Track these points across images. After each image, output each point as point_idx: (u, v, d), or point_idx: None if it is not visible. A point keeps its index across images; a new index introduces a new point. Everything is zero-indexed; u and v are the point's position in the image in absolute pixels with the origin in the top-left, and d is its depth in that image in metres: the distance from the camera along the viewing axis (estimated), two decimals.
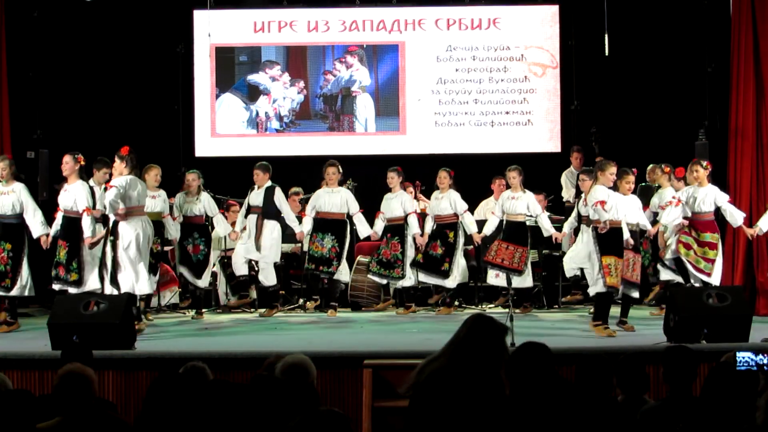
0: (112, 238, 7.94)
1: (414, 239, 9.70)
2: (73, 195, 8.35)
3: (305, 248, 9.75)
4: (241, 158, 11.21)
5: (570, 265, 9.41)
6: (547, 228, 9.48)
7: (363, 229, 9.67)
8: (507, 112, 11.70)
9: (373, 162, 10.98)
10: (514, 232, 9.45)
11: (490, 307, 10.03)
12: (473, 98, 11.71)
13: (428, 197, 10.55)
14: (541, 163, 11.15)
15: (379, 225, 9.77)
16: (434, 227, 9.71)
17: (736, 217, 8.58)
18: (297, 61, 11.82)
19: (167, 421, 3.61)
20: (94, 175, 8.78)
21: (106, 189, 8.33)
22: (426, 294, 10.31)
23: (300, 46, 11.80)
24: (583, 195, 9.46)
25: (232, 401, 3.68)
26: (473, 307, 10.05)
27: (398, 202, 9.71)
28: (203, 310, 9.58)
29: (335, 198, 9.58)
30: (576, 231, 9.44)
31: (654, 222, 9.01)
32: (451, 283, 9.60)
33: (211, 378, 4.40)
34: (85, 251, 8.36)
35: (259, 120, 11.79)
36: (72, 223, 8.38)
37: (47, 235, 8.51)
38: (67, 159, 8.40)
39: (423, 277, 9.69)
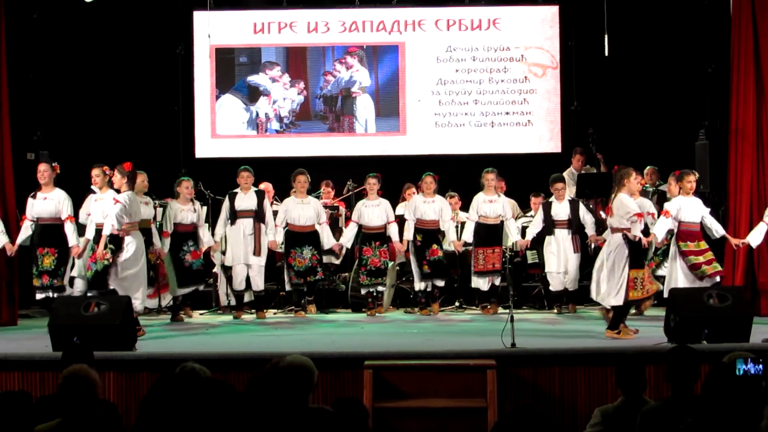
0: (112, 247, 7.89)
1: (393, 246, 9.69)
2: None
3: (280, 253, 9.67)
4: (242, 159, 11.19)
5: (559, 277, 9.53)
6: (513, 234, 9.60)
7: (327, 240, 9.55)
8: (507, 113, 11.70)
9: (373, 163, 10.96)
10: (492, 233, 9.59)
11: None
12: (473, 99, 11.71)
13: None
14: (540, 163, 11.15)
15: (351, 234, 9.69)
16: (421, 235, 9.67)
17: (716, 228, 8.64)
18: (297, 62, 11.82)
19: (164, 423, 3.60)
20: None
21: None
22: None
23: (300, 47, 11.80)
24: (552, 200, 9.51)
25: (227, 401, 3.67)
26: (474, 307, 10.03)
27: (381, 210, 9.67)
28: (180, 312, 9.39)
29: (308, 210, 9.51)
30: (541, 235, 9.53)
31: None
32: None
33: (207, 378, 4.38)
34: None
35: (259, 121, 11.79)
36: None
37: (77, 245, 8.67)
38: (97, 172, 8.57)
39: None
